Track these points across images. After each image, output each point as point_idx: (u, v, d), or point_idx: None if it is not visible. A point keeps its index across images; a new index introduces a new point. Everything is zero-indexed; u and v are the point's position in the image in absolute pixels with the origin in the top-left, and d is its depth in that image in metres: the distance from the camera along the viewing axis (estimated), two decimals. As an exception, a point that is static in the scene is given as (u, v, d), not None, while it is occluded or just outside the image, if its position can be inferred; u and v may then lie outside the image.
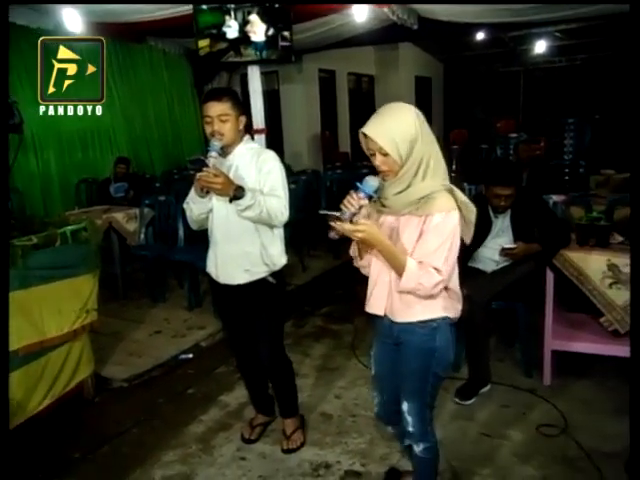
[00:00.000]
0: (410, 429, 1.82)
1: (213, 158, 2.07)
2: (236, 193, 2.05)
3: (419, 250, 1.58)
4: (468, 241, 1.69)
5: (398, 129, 1.54)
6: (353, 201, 1.56)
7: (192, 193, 2.22)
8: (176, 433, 2.67)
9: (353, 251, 1.83)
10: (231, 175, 2.18)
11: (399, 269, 1.57)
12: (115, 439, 2.64)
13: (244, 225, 2.18)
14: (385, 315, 1.75)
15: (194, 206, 2.24)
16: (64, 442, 2.62)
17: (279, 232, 2.31)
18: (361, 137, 1.61)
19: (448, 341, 1.73)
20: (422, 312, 1.68)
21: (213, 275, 2.34)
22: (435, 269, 1.55)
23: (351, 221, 1.55)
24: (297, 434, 2.52)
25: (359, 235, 1.54)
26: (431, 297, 1.63)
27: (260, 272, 2.25)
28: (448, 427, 2.55)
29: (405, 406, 1.80)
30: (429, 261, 1.55)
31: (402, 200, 1.60)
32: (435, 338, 1.70)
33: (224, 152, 2.20)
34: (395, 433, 2.07)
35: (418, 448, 1.85)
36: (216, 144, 2.09)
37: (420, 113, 1.60)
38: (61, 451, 2.55)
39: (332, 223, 1.54)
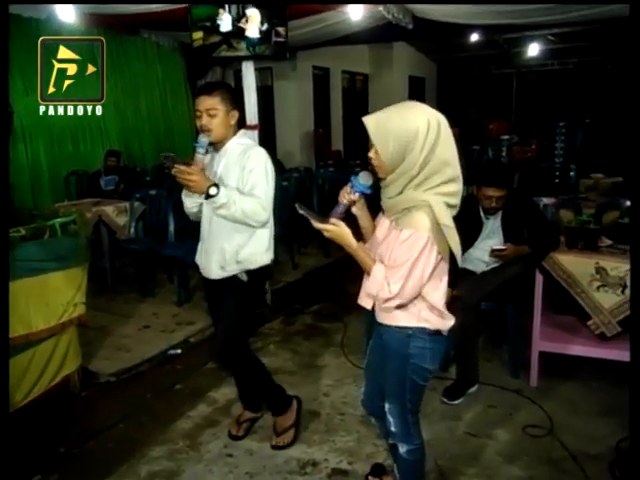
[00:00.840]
0: (392, 429, 1.82)
1: (200, 154, 2.06)
2: (209, 191, 2.02)
3: (387, 261, 1.57)
4: (459, 260, 1.63)
5: (397, 129, 1.48)
6: (346, 195, 1.61)
7: None
8: (163, 429, 2.66)
9: None
10: (219, 171, 2.17)
11: (366, 272, 1.61)
12: (101, 434, 2.62)
13: (224, 222, 2.16)
14: (372, 312, 1.77)
15: (185, 199, 2.25)
16: (49, 436, 2.60)
17: (264, 232, 2.25)
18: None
19: (424, 350, 1.68)
20: (398, 318, 1.66)
21: (200, 268, 2.35)
22: (388, 286, 1.53)
23: (349, 211, 1.60)
24: (288, 433, 2.49)
25: (326, 234, 1.58)
26: (403, 306, 1.61)
27: (232, 270, 2.23)
28: (435, 426, 2.56)
29: (387, 406, 1.81)
30: (388, 275, 1.54)
31: (392, 206, 1.59)
32: (409, 345, 1.68)
33: (216, 147, 2.19)
34: (378, 426, 2.08)
35: (402, 449, 1.85)
36: (204, 140, 2.08)
37: (437, 122, 1.49)
38: (46, 445, 2.53)
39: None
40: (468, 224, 2.95)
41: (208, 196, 2.04)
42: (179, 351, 3.54)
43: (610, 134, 7.09)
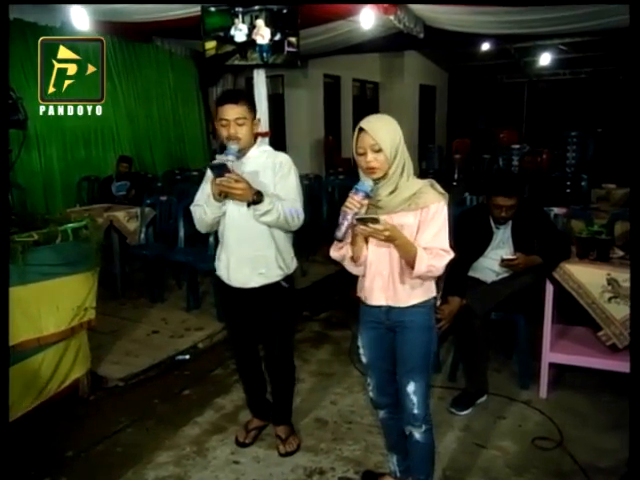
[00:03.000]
0: (415, 411, 1.89)
1: (231, 162, 2.05)
2: (255, 198, 2.05)
3: (421, 239, 1.76)
4: None
5: (390, 132, 1.76)
6: (355, 202, 1.68)
7: (205, 197, 2.20)
8: (170, 434, 2.66)
9: (341, 255, 1.90)
10: (246, 178, 2.18)
11: (411, 258, 1.74)
12: (109, 438, 2.63)
13: (259, 229, 2.18)
14: (381, 305, 1.88)
15: (209, 209, 2.20)
16: (57, 440, 2.61)
17: (291, 236, 2.33)
18: (355, 134, 1.77)
19: (433, 318, 1.93)
20: (422, 294, 1.86)
21: (224, 278, 2.32)
22: (443, 250, 1.75)
23: (359, 220, 1.66)
24: (292, 438, 2.52)
25: (386, 234, 1.67)
26: (433, 278, 1.84)
27: (275, 276, 2.26)
28: (443, 437, 2.54)
29: (412, 387, 1.88)
30: (435, 245, 1.75)
31: (395, 199, 1.76)
32: (430, 316, 1.90)
33: (239, 155, 2.21)
34: (388, 418, 2.08)
35: (420, 431, 1.92)
36: (234, 147, 2.07)
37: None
38: (54, 449, 2.54)
39: (363, 226, 1.66)
40: (478, 233, 2.95)
41: (253, 203, 2.06)
42: (187, 357, 3.54)
43: (622, 144, 7.05)
